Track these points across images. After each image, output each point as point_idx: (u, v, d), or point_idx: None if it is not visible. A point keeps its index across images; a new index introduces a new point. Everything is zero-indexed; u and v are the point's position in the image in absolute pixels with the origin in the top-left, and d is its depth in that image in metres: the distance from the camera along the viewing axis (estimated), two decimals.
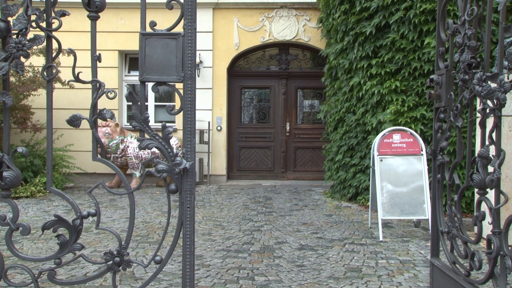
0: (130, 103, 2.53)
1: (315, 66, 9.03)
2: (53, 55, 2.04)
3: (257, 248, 4.03)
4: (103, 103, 2.72)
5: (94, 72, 2.04)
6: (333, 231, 4.73)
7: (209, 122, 8.59)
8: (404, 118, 5.53)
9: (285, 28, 8.63)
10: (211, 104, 8.68)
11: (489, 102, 1.93)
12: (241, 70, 9.12)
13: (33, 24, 1.93)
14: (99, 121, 7.32)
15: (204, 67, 8.62)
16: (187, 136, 2.07)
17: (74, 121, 2.01)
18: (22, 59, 1.92)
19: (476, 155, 1.99)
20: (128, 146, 7.75)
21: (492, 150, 1.91)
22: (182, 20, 2.04)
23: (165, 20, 3.50)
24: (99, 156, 2.09)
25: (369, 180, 5.55)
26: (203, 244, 4.15)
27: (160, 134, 2.08)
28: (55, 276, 2.05)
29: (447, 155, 2.48)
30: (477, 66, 2.08)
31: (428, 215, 4.36)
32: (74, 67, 2.02)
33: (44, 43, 2.00)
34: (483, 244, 3.74)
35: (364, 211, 5.77)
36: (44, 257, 2.12)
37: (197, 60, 8.25)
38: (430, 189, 4.36)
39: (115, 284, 2.08)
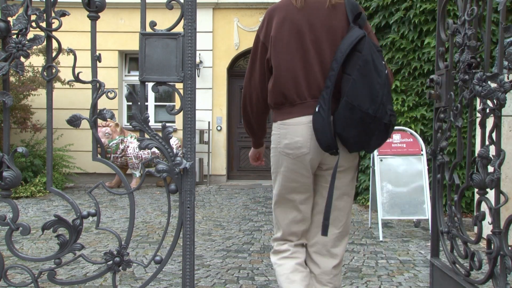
0: (130, 103, 2.53)
1: None
2: (53, 55, 2.04)
3: (257, 248, 4.03)
4: (103, 103, 2.71)
5: (94, 72, 2.04)
6: None
7: (209, 122, 8.60)
8: (404, 118, 5.53)
9: None
10: (211, 104, 8.68)
11: (489, 102, 1.92)
12: (241, 70, 9.12)
13: (33, 24, 1.93)
14: (99, 121, 7.32)
15: (204, 67, 8.62)
16: (187, 136, 2.06)
17: (74, 121, 2.01)
18: (22, 59, 1.92)
19: (476, 155, 1.99)
20: (128, 146, 7.75)
21: (492, 150, 1.91)
22: (182, 20, 2.04)
23: (165, 20, 3.50)
24: (99, 156, 2.08)
25: (369, 180, 5.55)
26: (203, 244, 4.15)
27: (160, 134, 2.08)
28: (55, 276, 2.05)
29: (447, 155, 2.48)
30: (477, 66, 2.08)
31: (428, 215, 4.36)
32: (74, 67, 2.02)
33: (44, 43, 1.99)
34: (483, 244, 3.74)
35: (364, 211, 5.77)
36: (44, 257, 2.12)
37: (197, 60, 8.25)
38: (430, 189, 4.36)
39: (115, 284, 2.07)
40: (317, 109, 1.64)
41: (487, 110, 1.92)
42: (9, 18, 1.91)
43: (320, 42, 1.69)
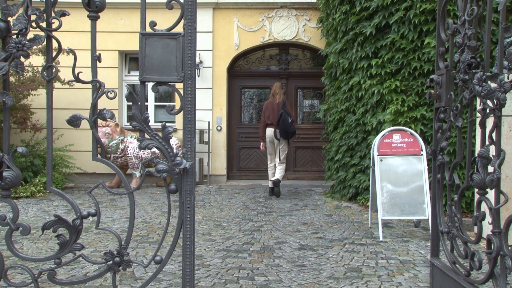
0: (130, 103, 2.53)
1: (315, 66, 9.03)
2: (53, 55, 2.04)
3: (257, 248, 4.03)
4: (103, 103, 2.72)
5: (94, 72, 2.05)
6: (333, 231, 4.73)
7: (209, 122, 8.60)
8: (404, 118, 5.53)
9: (285, 28, 8.63)
10: (211, 104, 8.68)
11: (489, 102, 1.93)
12: (241, 70, 9.12)
13: (33, 24, 1.93)
14: (99, 121, 7.31)
15: (204, 67, 8.62)
16: (187, 136, 2.07)
17: (74, 121, 2.01)
18: (22, 59, 1.92)
19: (476, 155, 1.99)
20: (128, 146, 7.74)
21: (492, 150, 1.91)
22: (182, 20, 2.04)
23: (165, 20, 3.50)
24: (99, 156, 2.09)
25: (369, 180, 5.56)
26: (203, 244, 4.15)
27: (160, 134, 2.09)
28: (55, 276, 2.05)
29: (447, 155, 2.48)
30: (477, 66, 2.08)
31: (428, 215, 4.36)
32: (74, 67, 2.02)
33: (44, 43, 2.00)
34: (483, 244, 3.74)
35: (364, 211, 5.78)
36: (44, 257, 2.12)
37: (197, 60, 8.25)
38: (430, 189, 4.36)
39: (115, 284, 2.08)
40: (274, 127, 6.95)
41: (487, 110, 1.92)
42: (9, 18, 1.91)
43: (275, 111, 6.95)
